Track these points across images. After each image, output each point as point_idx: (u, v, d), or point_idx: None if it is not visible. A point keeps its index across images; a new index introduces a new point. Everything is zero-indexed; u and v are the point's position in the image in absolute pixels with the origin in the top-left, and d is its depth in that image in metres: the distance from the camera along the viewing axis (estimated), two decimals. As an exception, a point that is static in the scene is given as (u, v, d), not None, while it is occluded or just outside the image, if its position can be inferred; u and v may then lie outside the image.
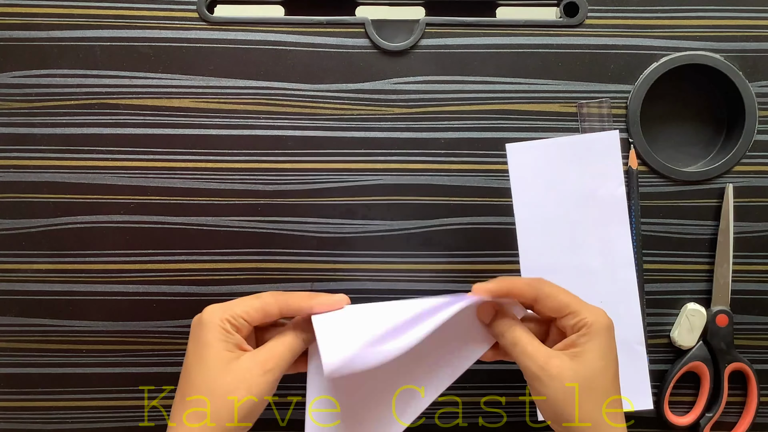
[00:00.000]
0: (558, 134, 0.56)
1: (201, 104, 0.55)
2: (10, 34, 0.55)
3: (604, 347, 0.44)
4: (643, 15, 0.55)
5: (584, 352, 0.44)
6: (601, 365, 0.43)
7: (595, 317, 0.44)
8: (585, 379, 0.43)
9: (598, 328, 0.44)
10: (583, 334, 0.44)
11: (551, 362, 0.43)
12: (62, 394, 0.56)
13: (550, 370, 0.43)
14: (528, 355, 0.44)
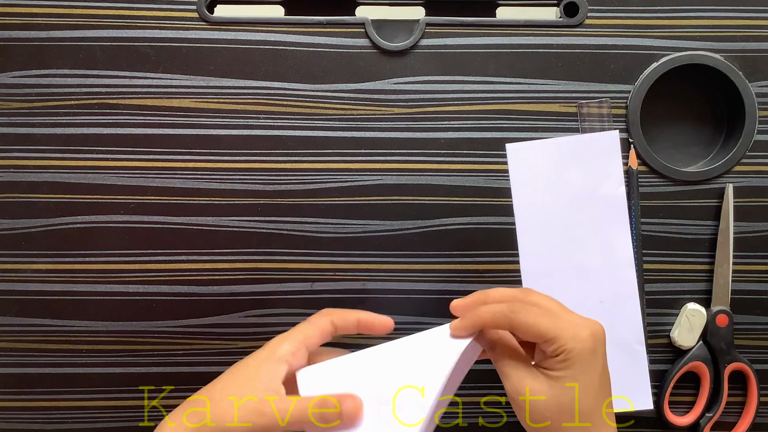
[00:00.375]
0: (558, 134, 0.56)
1: (201, 104, 0.55)
2: (10, 34, 0.55)
3: (584, 370, 0.42)
4: (643, 15, 0.55)
5: (562, 378, 0.42)
6: (581, 391, 0.42)
7: (575, 343, 0.42)
8: (561, 405, 0.42)
9: (577, 354, 0.42)
10: (562, 360, 0.42)
11: (528, 385, 0.42)
12: (62, 394, 0.56)
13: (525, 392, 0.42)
14: (506, 376, 0.43)
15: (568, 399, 0.42)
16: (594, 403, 0.43)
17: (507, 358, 0.44)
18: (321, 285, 0.56)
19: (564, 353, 0.42)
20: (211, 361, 0.56)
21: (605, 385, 0.44)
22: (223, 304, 0.56)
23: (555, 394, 0.42)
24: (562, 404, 0.42)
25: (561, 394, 0.42)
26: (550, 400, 0.42)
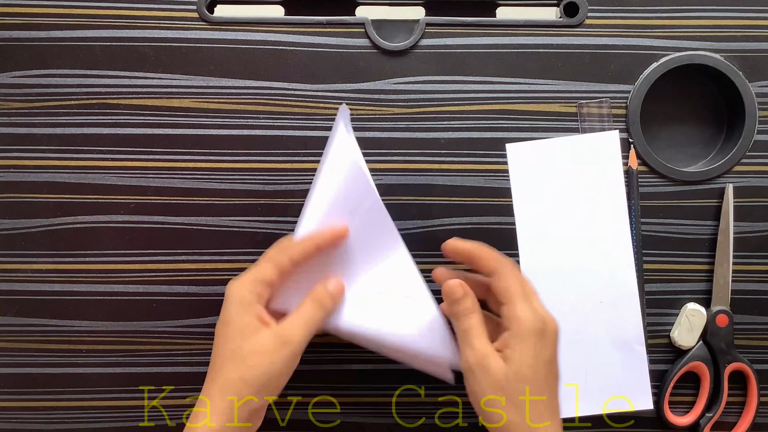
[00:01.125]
0: (558, 134, 0.56)
1: (201, 104, 0.55)
2: (10, 34, 0.55)
3: (533, 350, 0.44)
4: (643, 15, 0.55)
5: (513, 355, 0.44)
6: (527, 372, 0.44)
7: (528, 318, 0.44)
8: (514, 383, 0.44)
9: (526, 329, 0.44)
10: (513, 335, 0.44)
11: (488, 359, 0.44)
12: (62, 394, 0.56)
13: (485, 366, 0.44)
14: (472, 346, 0.45)
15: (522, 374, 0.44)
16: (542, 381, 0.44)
17: (477, 332, 0.46)
18: (321, 285, 0.56)
19: (518, 324, 0.44)
20: (211, 361, 0.56)
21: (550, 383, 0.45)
22: (223, 304, 0.56)
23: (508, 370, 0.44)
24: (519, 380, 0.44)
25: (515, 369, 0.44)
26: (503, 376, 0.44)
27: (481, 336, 0.45)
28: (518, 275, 0.46)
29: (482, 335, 0.46)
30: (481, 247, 0.47)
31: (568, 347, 0.55)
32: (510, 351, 0.44)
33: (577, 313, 0.55)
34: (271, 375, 0.45)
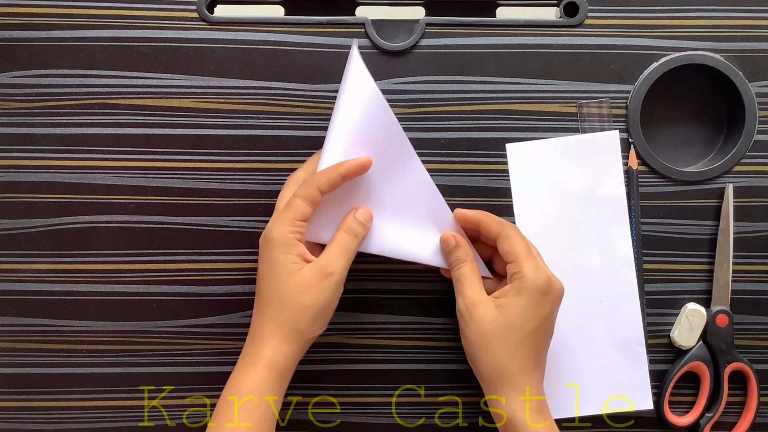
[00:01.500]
0: (558, 134, 0.56)
1: (201, 104, 0.55)
2: (10, 34, 0.55)
3: (529, 304, 0.47)
4: (643, 15, 0.55)
5: (508, 305, 0.47)
6: (518, 321, 0.47)
7: (532, 274, 0.47)
8: (500, 329, 0.47)
9: (528, 284, 0.47)
10: (513, 287, 0.47)
11: (477, 306, 0.48)
12: (62, 394, 0.56)
13: (473, 312, 0.47)
14: (463, 294, 0.49)
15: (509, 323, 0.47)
16: (525, 348, 0.47)
17: (468, 279, 0.49)
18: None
19: (520, 279, 0.47)
20: (211, 361, 0.56)
21: (539, 341, 0.48)
22: (223, 304, 0.56)
23: (497, 317, 0.47)
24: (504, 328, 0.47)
25: (504, 318, 0.47)
26: (490, 322, 0.47)
27: (472, 283, 0.49)
28: (523, 238, 0.49)
29: (473, 282, 0.49)
30: (486, 214, 0.50)
31: (568, 347, 0.56)
32: (505, 300, 0.47)
33: (577, 313, 0.55)
34: (321, 306, 0.47)
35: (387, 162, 0.50)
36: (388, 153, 0.50)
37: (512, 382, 0.47)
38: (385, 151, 0.50)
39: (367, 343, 0.56)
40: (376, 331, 0.56)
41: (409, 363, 0.57)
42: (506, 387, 0.47)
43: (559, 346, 0.55)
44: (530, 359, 0.47)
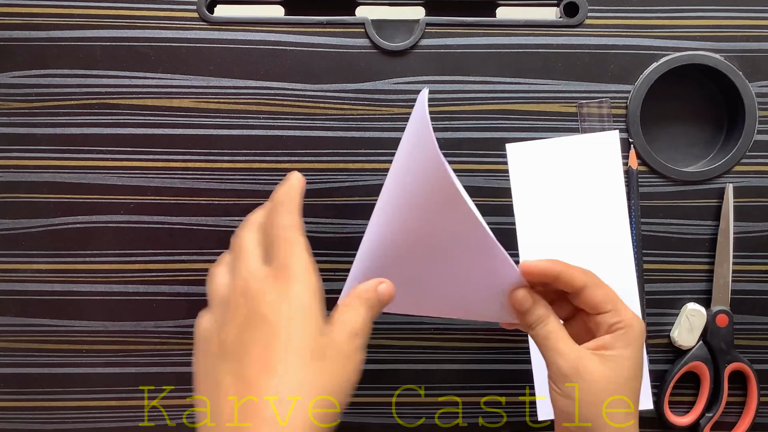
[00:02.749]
0: (558, 134, 0.56)
1: (201, 104, 0.55)
2: (10, 34, 0.55)
3: (638, 355, 0.43)
4: (643, 15, 0.55)
5: (618, 357, 0.42)
6: (631, 374, 0.42)
7: (635, 321, 0.43)
8: (615, 385, 0.42)
9: (636, 333, 0.42)
10: (619, 338, 0.42)
11: (583, 363, 0.42)
12: (62, 394, 0.56)
13: (582, 371, 0.41)
14: (560, 352, 0.42)
15: (623, 377, 0.42)
16: (636, 388, 0.43)
17: (559, 335, 0.42)
18: (321, 285, 0.56)
19: (625, 329, 0.42)
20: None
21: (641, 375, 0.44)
22: (223, 304, 0.56)
23: (610, 374, 0.42)
24: (618, 383, 0.42)
25: (617, 373, 0.42)
26: (604, 380, 0.41)
27: (566, 339, 0.43)
28: (607, 283, 0.44)
29: (567, 338, 0.43)
30: (563, 264, 0.43)
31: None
32: (614, 353, 0.42)
33: (577, 313, 0.55)
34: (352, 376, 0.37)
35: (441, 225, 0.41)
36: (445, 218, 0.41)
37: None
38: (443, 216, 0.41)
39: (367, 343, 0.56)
40: (377, 331, 0.56)
41: (409, 363, 0.57)
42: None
43: None
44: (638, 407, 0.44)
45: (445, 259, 0.43)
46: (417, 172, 0.40)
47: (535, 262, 0.42)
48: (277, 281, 0.37)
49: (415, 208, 0.41)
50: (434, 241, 0.42)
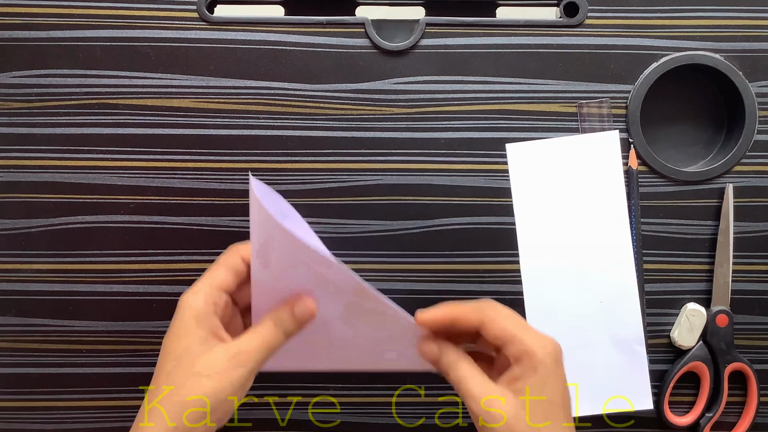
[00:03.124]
0: (558, 134, 0.56)
1: (201, 104, 0.55)
2: (10, 34, 0.55)
3: (548, 378, 0.41)
4: (643, 15, 0.55)
5: (529, 388, 0.41)
6: (550, 398, 0.41)
7: (539, 347, 0.41)
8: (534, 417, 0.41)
9: (540, 359, 0.41)
10: (526, 369, 0.41)
11: (494, 404, 0.41)
12: (62, 394, 0.56)
13: (493, 411, 0.41)
14: (471, 395, 0.42)
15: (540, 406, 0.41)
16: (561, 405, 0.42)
17: (470, 378, 0.42)
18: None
19: (531, 359, 0.41)
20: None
21: (567, 405, 0.43)
22: (223, 304, 0.56)
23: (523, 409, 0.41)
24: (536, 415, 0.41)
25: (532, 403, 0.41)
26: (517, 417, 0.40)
27: (475, 378, 0.42)
28: (505, 311, 0.43)
29: (476, 377, 0.42)
30: (455, 307, 0.43)
31: (568, 347, 0.55)
32: (521, 384, 0.41)
33: (577, 313, 0.55)
34: (221, 398, 0.40)
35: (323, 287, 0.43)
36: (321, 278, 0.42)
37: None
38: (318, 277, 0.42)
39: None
40: (376, 331, 0.56)
41: (409, 363, 0.57)
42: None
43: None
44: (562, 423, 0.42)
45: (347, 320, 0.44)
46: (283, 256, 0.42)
47: (429, 314, 0.43)
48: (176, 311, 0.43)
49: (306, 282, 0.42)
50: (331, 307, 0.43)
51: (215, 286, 0.43)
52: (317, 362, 0.46)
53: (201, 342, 0.41)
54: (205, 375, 0.40)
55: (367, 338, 0.45)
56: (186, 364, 0.41)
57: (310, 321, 0.43)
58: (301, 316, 0.43)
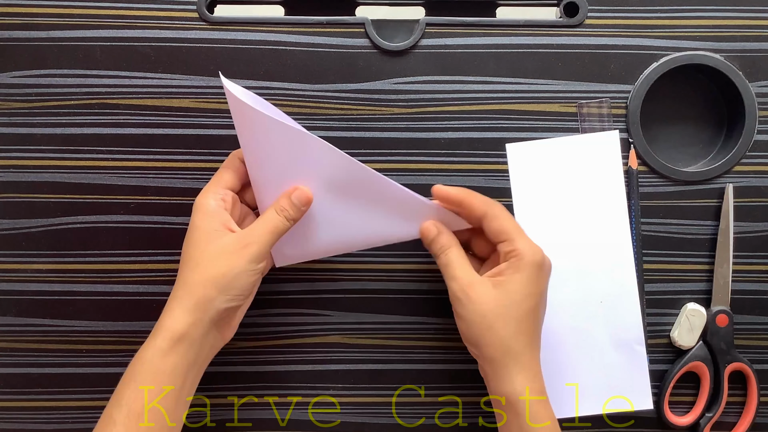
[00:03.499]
0: (558, 134, 0.56)
1: (201, 104, 0.55)
2: (10, 34, 0.55)
3: (528, 281, 0.46)
4: (643, 15, 0.55)
5: (507, 282, 0.46)
6: (519, 297, 0.46)
7: (528, 250, 0.47)
8: (502, 307, 0.46)
9: (527, 261, 0.46)
10: (511, 265, 0.46)
11: (474, 287, 0.47)
12: (62, 394, 0.56)
13: (471, 294, 0.46)
14: (455, 277, 0.47)
15: (510, 300, 0.46)
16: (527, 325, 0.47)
17: (457, 263, 0.48)
18: (321, 285, 0.56)
19: (517, 257, 0.46)
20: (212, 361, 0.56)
21: (538, 316, 0.48)
22: (223, 304, 0.56)
23: (497, 296, 0.46)
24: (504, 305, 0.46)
25: (504, 296, 0.46)
26: (491, 301, 0.46)
27: (463, 266, 0.48)
28: (508, 214, 0.49)
29: (464, 265, 0.48)
30: (469, 192, 0.49)
31: (568, 347, 0.55)
32: (503, 278, 0.46)
33: (577, 313, 0.55)
34: (233, 276, 0.46)
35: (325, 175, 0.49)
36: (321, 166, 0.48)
37: (518, 360, 0.46)
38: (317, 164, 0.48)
39: (367, 343, 0.56)
40: (376, 331, 0.56)
41: (409, 363, 0.57)
42: (511, 366, 0.46)
43: (559, 346, 0.55)
44: (532, 336, 0.47)
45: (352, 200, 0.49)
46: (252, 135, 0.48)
47: (444, 189, 0.48)
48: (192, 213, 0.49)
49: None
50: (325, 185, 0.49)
51: (221, 185, 0.49)
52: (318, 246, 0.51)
53: (212, 232, 0.47)
54: (214, 257, 0.46)
55: (362, 213, 0.49)
56: (199, 252, 0.47)
57: (307, 205, 0.49)
58: (298, 201, 0.48)
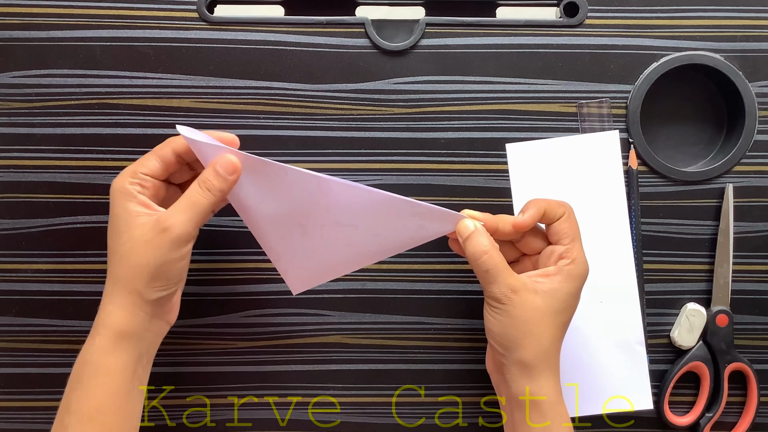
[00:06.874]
0: (558, 134, 0.56)
1: (201, 104, 0.55)
2: (10, 34, 0.55)
3: (576, 291, 0.46)
4: (643, 15, 0.55)
5: (556, 291, 0.45)
6: (564, 306, 0.46)
7: (583, 262, 0.46)
8: (548, 316, 0.45)
9: (578, 272, 0.46)
10: (561, 271, 0.46)
11: (519, 293, 0.45)
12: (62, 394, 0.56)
13: (515, 299, 0.45)
14: (498, 282, 0.45)
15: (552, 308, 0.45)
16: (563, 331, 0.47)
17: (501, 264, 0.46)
18: (321, 285, 0.56)
19: (570, 265, 0.46)
20: (211, 361, 0.56)
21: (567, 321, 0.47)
22: (223, 304, 0.56)
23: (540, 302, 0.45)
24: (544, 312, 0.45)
25: (547, 303, 0.45)
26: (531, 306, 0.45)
27: (506, 270, 0.45)
28: (576, 219, 0.48)
29: (507, 269, 0.46)
30: (541, 202, 0.47)
31: (568, 347, 0.55)
32: (550, 285, 0.45)
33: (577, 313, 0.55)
34: (158, 264, 0.44)
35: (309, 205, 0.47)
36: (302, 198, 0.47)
37: (551, 366, 0.46)
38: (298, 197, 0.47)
39: (367, 343, 0.56)
40: (376, 331, 0.56)
41: (409, 363, 0.57)
42: (546, 371, 0.46)
43: None
44: (562, 340, 0.47)
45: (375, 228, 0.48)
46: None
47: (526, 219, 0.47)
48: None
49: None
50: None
51: (139, 169, 0.46)
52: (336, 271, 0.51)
53: (129, 219, 0.44)
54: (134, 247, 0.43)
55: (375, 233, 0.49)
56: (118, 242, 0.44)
57: (234, 174, 0.45)
58: (223, 170, 0.44)
